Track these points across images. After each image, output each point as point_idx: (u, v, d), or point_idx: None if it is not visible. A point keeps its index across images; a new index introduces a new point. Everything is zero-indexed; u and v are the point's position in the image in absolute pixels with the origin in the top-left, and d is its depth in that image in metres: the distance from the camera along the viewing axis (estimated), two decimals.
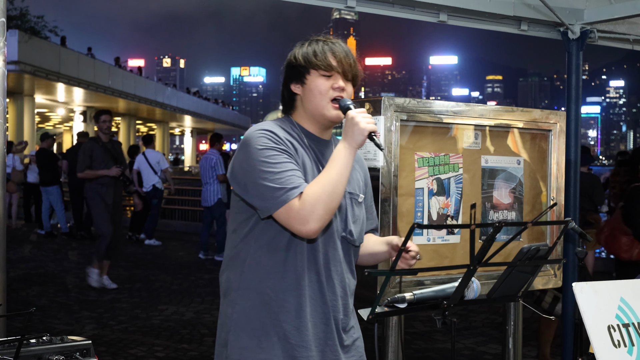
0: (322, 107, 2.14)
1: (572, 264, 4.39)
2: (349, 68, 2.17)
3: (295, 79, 2.19)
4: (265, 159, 2.02)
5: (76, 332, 6.08)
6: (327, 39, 2.22)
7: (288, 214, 1.97)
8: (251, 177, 2.03)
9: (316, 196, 1.96)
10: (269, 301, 2.09)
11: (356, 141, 2.03)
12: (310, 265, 2.11)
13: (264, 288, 2.09)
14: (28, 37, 22.53)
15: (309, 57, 2.16)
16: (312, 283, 2.11)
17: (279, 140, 2.06)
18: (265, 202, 2.00)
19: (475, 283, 2.15)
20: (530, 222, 1.86)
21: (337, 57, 2.15)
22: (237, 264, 2.16)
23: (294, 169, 2.02)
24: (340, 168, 2.01)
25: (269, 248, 2.10)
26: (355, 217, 2.22)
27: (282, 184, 1.98)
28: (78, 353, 2.09)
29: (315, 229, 1.98)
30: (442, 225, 3.25)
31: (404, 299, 2.13)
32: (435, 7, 4.20)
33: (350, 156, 2.03)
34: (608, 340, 2.03)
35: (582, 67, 4.75)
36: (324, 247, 2.13)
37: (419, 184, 3.18)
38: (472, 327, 6.56)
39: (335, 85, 2.14)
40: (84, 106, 31.53)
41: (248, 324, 2.10)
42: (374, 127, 2.04)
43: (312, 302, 2.11)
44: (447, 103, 3.28)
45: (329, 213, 1.99)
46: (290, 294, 2.08)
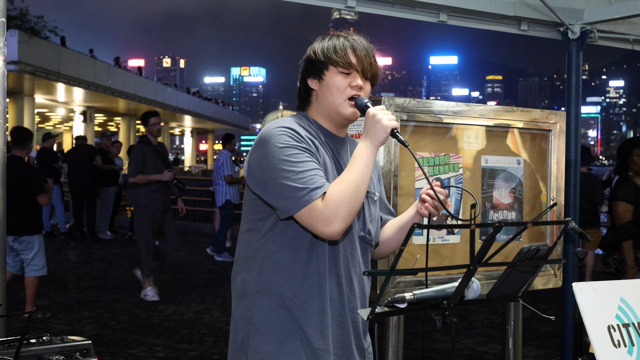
0: (338, 104, 2.10)
1: (572, 264, 4.39)
2: (368, 67, 2.12)
3: (313, 73, 2.14)
4: (286, 157, 1.95)
5: (76, 332, 6.08)
6: (349, 34, 2.17)
7: (311, 215, 1.92)
8: (271, 176, 1.97)
9: (340, 196, 1.91)
10: (290, 304, 2.03)
11: (378, 139, 1.99)
12: (331, 267, 2.06)
13: (285, 291, 2.03)
14: (28, 37, 22.52)
15: (328, 53, 2.11)
16: (332, 285, 2.06)
17: (300, 138, 2.01)
18: (286, 202, 1.94)
19: (475, 283, 2.15)
20: (530, 222, 1.86)
21: (358, 55, 2.11)
22: (254, 266, 2.08)
23: (316, 167, 1.97)
24: (363, 167, 1.97)
25: (290, 249, 2.04)
26: (372, 216, 2.18)
27: (305, 183, 1.92)
28: (78, 353, 2.09)
29: (339, 230, 1.93)
30: (442, 225, 3.24)
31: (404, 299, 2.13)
32: (435, 7, 4.20)
33: (372, 155, 1.99)
34: (608, 340, 2.03)
35: (582, 67, 4.75)
36: (344, 248, 2.10)
37: (419, 184, 3.18)
38: (472, 327, 6.56)
39: (354, 83, 2.10)
40: (84, 106, 31.52)
41: (269, 328, 2.03)
42: (396, 124, 2.00)
43: (332, 305, 2.06)
44: (447, 103, 3.28)
45: (353, 213, 1.95)
46: (313, 297, 2.03)
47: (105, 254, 10.90)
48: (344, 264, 2.09)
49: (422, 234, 3.20)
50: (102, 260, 10.28)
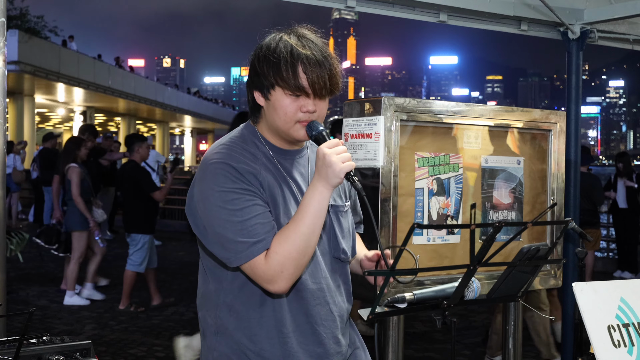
0: (287, 128, 1.84)
1: (572, 264, 4.39)
2: (322, 86, 1.80)
3: (259, 88, 1.86)
4: (224, 204, 1.74)
5: (76, 332, 6.08)
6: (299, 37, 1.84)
7: (253, 271, 1.74)
8: (210, 224, 1.77)
9: (285, 254, 1.71)
10: (246, 351, 1.85)
11: (332, 183, 1.74)
12: (294, 307, 1.86)
13: (241, 337, 1.86)
14: (28, 37, 22.53)
15: (274, 70, 1.79)
16: (300, 326, 1.86)
17: (238, 177, 1.77)
18: (226, 253, 1.76)
19: (475, 283, 2.15)
20: (530, 222, 1.86)
21: (309, 75, 1.78)
22: (211, 306, 1.94)
23: (258, 213, 1.74)
24: (313, 216, 1.73)
25: (242, 292, 1.87)
26: (344, 231, 1.98)
27: (245, 236, 1.72)
28: (78, 353, 2.09)
29: (285, 288, 1.74)
30: (442, 225, 3.24)
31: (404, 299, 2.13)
32: (435, 7, 4.21)
33: (325, 200, 1.74)
34: (608, 340, 2.03)
35: (582, 67, 4.75)
36: (315, 280, 1.89)
37: (419, 184, 3.18)
38: (472, 327, 6.56)
39: (304, 109, 1.81)
40: (84, 106, 31.54)
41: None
42: (351, 166, 1.74)
43: (304, 346, 1.87)
44: (447, 103, 3.28)
45: (301, 269, 1.75)
46: (271, 344, 1.84)
47: (105, 254, 10.89)
48: (320, 297, 1.89)
49: (422, 234, 3.20)
50: (102, 260, 10.27)
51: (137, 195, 6.80)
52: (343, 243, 1.97)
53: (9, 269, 8.32)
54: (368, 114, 3.06)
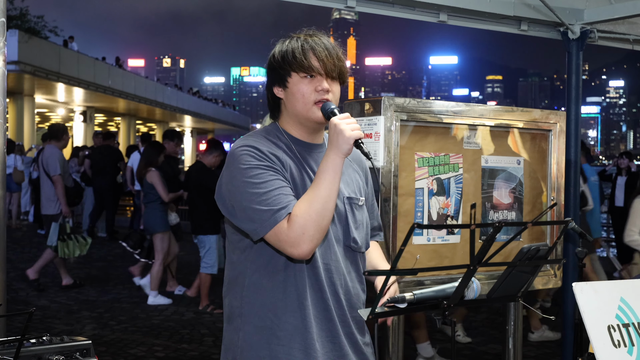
0: (306, 110, 2.02)
1: (572, 264, 4.39)
2: (332, 67, 2.02)
3: (278, 82, 2.06)
4: (249, 179, 1.91)
5: (76, 332, 6.08)
6: (307, 35, 2.08)
7: (278, 237, 1.88)
8: (237, 200, 1.93)
9: (306, 216, 1.85)
10: (272, 325, 1.99)
11: (342, 150, 1.89)
12: (312, 283, 2.00)
13: (266, 312, 1.99)
14: (28, 37, 22.53)
15: (288, 59, 2.02)
16: (315, 301, 2.00)
17: (262, 156, 1.95)
18: (253, 224, 1.90)
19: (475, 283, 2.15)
20: (530, 222, 1.86)
21: (319, 56, 2.01)
22: (237, 289, 2.06)
23: (281, 186, 1.91)
24: (329, 182, 1.89)
25: (267, 270, 2.01)
26: (357, 222, 2.11)
27: (269, 205, 1.87)
28: (78, 353, 2.09)
29: (308, 250, 1.87)
30: (442, 225, 3.24)
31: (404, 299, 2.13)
32: (435, 7, 4.21)
33: (337, 166, 1.90)
34: (608, 340, 2.03)
35: (582, 67, 4.75)
36: (325, 260, 2.02)
37: (419, 184, 3.18)
38: (472, 327, 6.56)
39: (319, 87, 2.01)
40: (84, 106, 31.53)
41: (253, 351, 2.00)
42: (359, 134, 1.90)
43: (318, 321, 2.00)
44: (447, 103, 3.28)
45: (321, 232, 1.88)
46: (293, 316, 1.98)
47: (105, 254, 10.90)
48: (326, 278, 2.02)
49: (422, 234, 3.20)
50: (102, 260, 10.28)
51: (203, 197, 6.81)
52: (355, 233, 2.09)
53: (9, 269, 8.32)
54: (368, 114, 3.06)
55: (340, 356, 2.03)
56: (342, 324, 2.05)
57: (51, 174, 7.66)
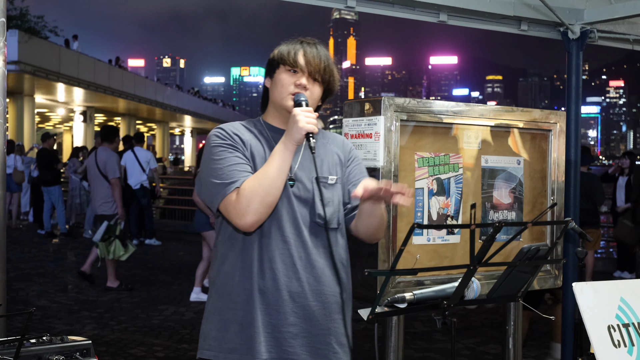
0: (282, 98, 2.23)
1: (572, 264, 4.39)
2: (316, 69, 2.22)
3: (269, 73, 2.30)
4: (212, 156, 2.16)
5: (76, 332, 6.08)
6: (308, 41, 2.29)
7: (227, 208, 2.09)
8: (204, 175, 2.19)
9: (252, 190, 2.06)
10: (230, 292, 2.19)
11: (294, 138, 2.08)
12: (261, 255, 2.16)
13: (228, 279, 2.20)
14: (28, 37, 22.52)
15: (280, 54, 2.25)
16: (263, 271, 2.16)
17: (225, 135, 2.18)
18: (210, 196, 2.14)
19: (475, 283, 2.15)
20: (530, 222, 1.86)
21: (307, 57, 2.22)
22: (213, 260, 2.30)
23: (236, 162, 2.13)
24: (278, 163, 2.08)
25: (230, 242, 2.22)
26: (326, 200, 2.24)
27: (223, 179, 2.10)
28: (78, 353, 2.09)
29: (252, 222, 2.07)
30: (442, 225, 3.24)
31: (404, 299, 2.13)
32: (435, 7, 4.20)
33: (288, 152, 2.09)
34: (608, 340, 2.03)
35: (582, 67, 4.75)
36: (284, 234, 2.17)
37: (419, 184, 3.18)
38: (472, 327, 6.56)
39: (298, 82, 2.21)
40: (84, 106, 31.51)
41: (214, 315, 2.23)
42: (312, 128, 2.07)
43: (264, 289, 2.15)
44: (447, 103, 3.28)
45: (266, 207, 2.07)
46: (246, 283, 2.16)
47: None
48: (281, 250, 2.16)
49: (422, 234, 3.20)
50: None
51: None
52: (321, 209, 2.21)
53: (9, 269, 8.32)
54: (368, 114, 3.06)
55: (282, 325, 2.16)
56: (291, 294, 2.17)
57: (110, 177, 7.87)
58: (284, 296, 2.16)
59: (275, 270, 2.16)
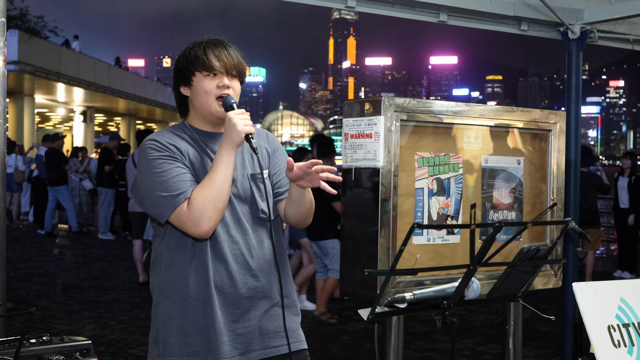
0: (208, 105, 2.23)
1: (572, 264, 4.39)
2: (232, 66, 2.25)
3: (183, 82, 2.28)
4: (152, 169, 2.14)
5: (76, 332, 6.08)
6: (209, 40, 2.29)
7: (179, 219, 2.10)
8: (145, 188, 2.17)
9: (203, 199, 2.07)
10: (185, 297, 2.19)
11: (234, 142, 2.11)
12: (215, 257, 2.19)
13: (180, 286, 2.20)
14: (28, 37, 22.52)
15: (192, 60, 2.24)
16: (219, 273, 2.19)
17: (162, 146, 2.17)
18: (157, 209, 2.13)
19: (475, 283, 2.15)
20: (530, 222, 1.86)
21: (219, 56, 2.23)
22: (156, 267, 2.29)
23: (180, 173, 2.13)
24: (223, 169, 2.10)
25: (178, 249, 2.22)
26: (262, 194, 2.29)
27: (169, 191, 2.10)
28: (78, 353, 2.09)
29: (208, 229, 2.09)
30: (442, 225, 3.24)
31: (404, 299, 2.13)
32: (435, 7, 4.20)
33: (230, 156, 2.12)
34: (608, 340, 2.03)
35: (582, 67, 4.75)
36: (232, 234, 2.21)
37: (419, 184, 3.18)
38: (472, 327, 6.56)
39: (220, 83, 2.22)
40: (84, 106, 31.51)
41: (172, 321, 2.22)
42: (250, 129, 2.12)
43: (222, 290, 2.19)
44: (447, 103, 3.28)
45: (218, 212, 2.10)
46: (200, 287, 2.18)
47: (105, 254, 10.90)
48: (232, 250, 2.21)
49: (422, 234, 3.20)
50: (102, 260, 10.28)
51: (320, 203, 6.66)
52: (262, 204, 2.28)
53: (9, 269, 8.32)
54: (368, 114, 3.06)
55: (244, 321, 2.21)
56: (248, 290, 2.22)
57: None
58: (242, 292, 2.21)
59: (231, 270, 2.20)
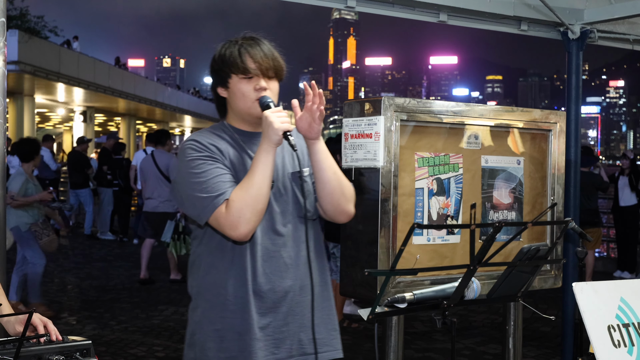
0: (247, 107, 2.21)
1: (572, 264, 4.39)
2: (268, 67, 2.20)
3: (220, 83, 2.25)
4: (191, 170, 2.12)
5: (76, 332, 6.08)
6: (244, 39, 2.24)
7: (218, 221, 2.07)
8: (184, 189, 2.14)
9: (242, 201, 2.04)
10: (224, 301, 2.17)
11: (272, 141, 2.08)
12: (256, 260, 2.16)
13: (219, 289, 2.18)
14: (28, 37, 22.51)
15: (227, 62, 2.21)
16: (258, 277, 2.16)
17: (202, 147, 2.15)
18: (196, 211, 2.11)
19: (475, 283, 2.15)
20: (530, 222, 1.86)
21: (255, 58, 2.19)
22: (195, 270, 2.26)
23: (219, 174, 2.11)
24: (261, 169, 2.07)
25: (218, 250, 2.20)
26: (305, 192, 2.26)
27: (209, 192, 2.07)
28: (78, 353, 2.09)
29: (246, 232, 2.06)
30: (442, 225, 3.24)
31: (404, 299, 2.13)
32: (435, 7, 4.20)
33: (269, 156, 2.09)
34: (608, 340, 2.03)
35: (582, 67, 4.75)
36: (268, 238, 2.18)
37: (419, 184, 3.18)
38: (472, 327, 6.56)
39: (257, 86, 2.19)
40: (84, 106, 31.50)
41: (209, 326, 2.19)
42: (288, 127, 2.08)
43: (257, 294, 2.16)
44: (447, 103, 3.28)
45: (257, 214, 2.07)
46: (240, 290, 2.16)
47: (105, 254, 10.90)
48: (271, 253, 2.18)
49: (422, 234, 3.20)
50: (102, 260, 10.28)
51: None
52: (307, 203, 2.25)
53: (9, 269, 8.31)
54: (368, 114, 3.06)
55: (281, 326, 2.18)
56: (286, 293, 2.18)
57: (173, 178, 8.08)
58: (279, 296, 2.18)
59: (270, 273, 2.18)
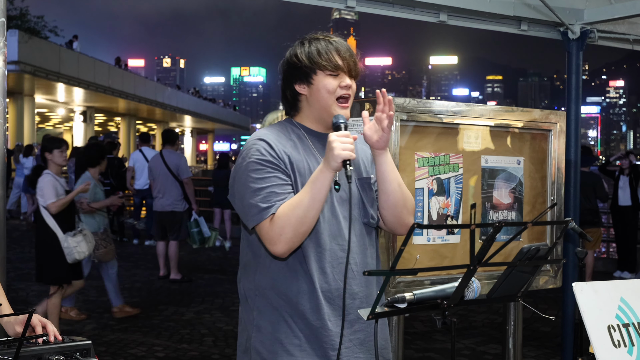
0: (329, 105, 2.15)
1: (572, 264, 4.39)
2: (353, 66, 2.18)
3: (300, 79, 2.18)
4: (250, 172, 2.06)
5: (76, 332, 6.08)
6: (328, 36, 2.22)
7: (260, 233, 2.03)
8: (238, 188, 2.10)
9: (286, 219, 1.98)
10: (285, 305, 2.10)
11: (331, 166, 1.99)
12: (319, 265, 2.10)
13: (279, 293, 2.11)
14: (28, 37, 22.52)
15: (314, 57, 2.15)
16: (323, 282, 2.10)
17: (269, 151, 2.08)
18: (245, 216, 2.07)
19: (475, 283, 2.14)
20: (530, 222, 1.86)
21: (343, 56, 2.16)
22: (250, 271, 2.19)
23: (275, 184, 2.04)
24: (315, 192, 1.99)
25: None
26: (370, 199, 2.22)
27: (259, 202, 2.02)
28: (78, 353, 2.08)
29: (284, 251, 2.01)
30: (442, 225, 3.24)
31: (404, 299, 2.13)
32: (435, 7, 4.20)
33: (326, 180, 1.99)
34: (608, 340, 2.03)
35: (582, 67, 4.75)
36: (334, 240, 2.12)
37: (419, 184, 3.18)
38: (472, 327, 6.56)
39: (343, 83, 2.15)
40: (84, 106, 31.52)
41: (268, 329, 2.12)
42: (348, 155, 1.97)
43: (328, 301, 2.10)
44: (447, 103, 3.28)
45: (299, 236, 2.00)
46: (304, 297, 2.09)
47: None
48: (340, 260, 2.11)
49: (422, 234, 3.20)
50: None
51: None
52: (371, 210, 2.21)
53: (9, 269, 8.32)
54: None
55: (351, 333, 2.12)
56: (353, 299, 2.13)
57: (184, 177, 8.35)
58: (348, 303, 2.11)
59: (338, 280, 2.11)
